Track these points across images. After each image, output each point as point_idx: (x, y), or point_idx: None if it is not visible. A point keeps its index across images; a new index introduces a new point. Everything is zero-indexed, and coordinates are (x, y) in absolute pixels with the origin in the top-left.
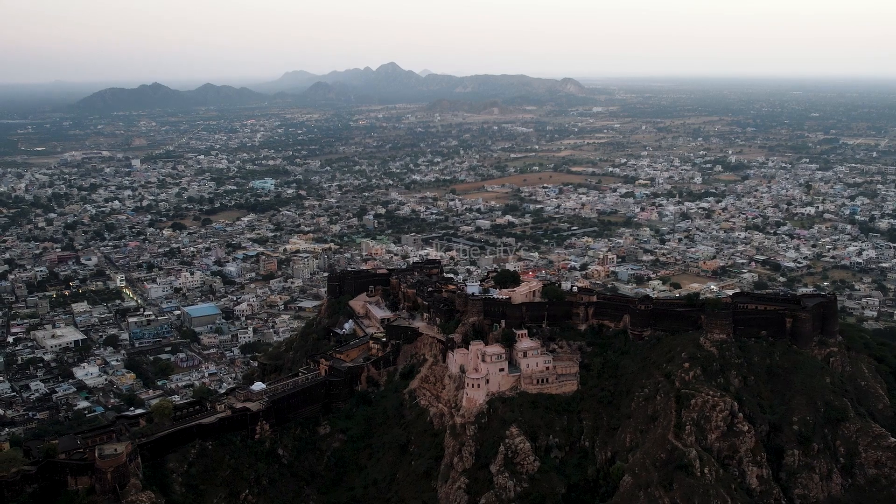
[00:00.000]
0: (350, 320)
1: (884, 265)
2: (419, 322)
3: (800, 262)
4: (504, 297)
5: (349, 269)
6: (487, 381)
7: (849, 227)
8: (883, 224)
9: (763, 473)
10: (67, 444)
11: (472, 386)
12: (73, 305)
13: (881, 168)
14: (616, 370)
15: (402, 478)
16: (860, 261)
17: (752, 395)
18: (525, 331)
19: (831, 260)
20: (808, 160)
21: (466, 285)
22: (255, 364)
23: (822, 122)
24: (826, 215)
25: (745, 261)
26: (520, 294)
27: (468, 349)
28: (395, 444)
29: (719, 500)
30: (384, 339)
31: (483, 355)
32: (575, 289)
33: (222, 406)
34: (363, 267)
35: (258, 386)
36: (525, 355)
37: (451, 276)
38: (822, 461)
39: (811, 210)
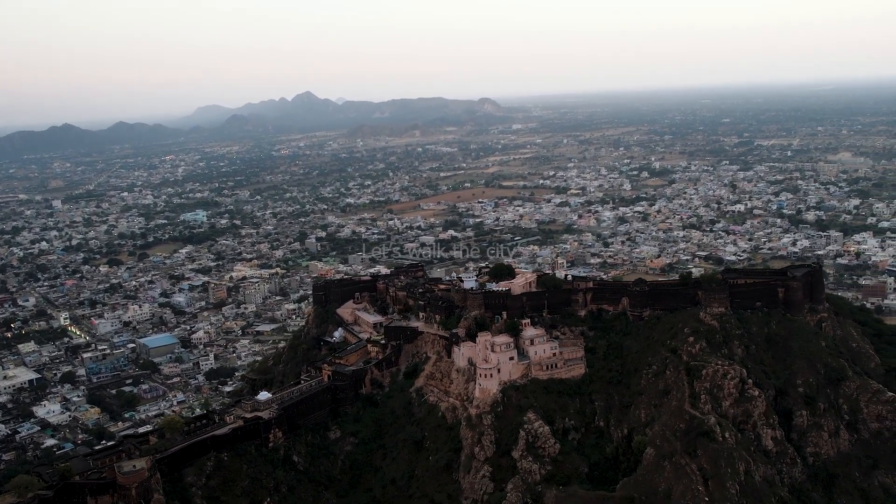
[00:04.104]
0: (339, 328)
1: (819, 253)
2: (416, 322)
3: (740, 256)
4: (503, 289)
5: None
6: (499, 371)
7: (778, 220)
8: (810, 216)
9: (777, 435)
10: (79, 465)
11: (485, 376)
12: (20, 346)
13: (798, 165)
14: (621, 351)
15: (421, 474)
16: (796, 250)
17: (755, 363)
18: (528, 320)
19: (769, 251)
20: (728, 162)
21: (463, 281)
22: (229, 387)
23: (734, 127)
24: (755, 211)
25: (688, 257)
26: (518, 285)
27: (475, 342)
28: (409, 442)
29: (742, 462)
30: (383, 342)
31: (492, 345)
32: (570, 277)
33: (231, 417)
34: None
35: (264, 395)
36: (532, 343)
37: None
38: (829, 419)
39: (741, 207)
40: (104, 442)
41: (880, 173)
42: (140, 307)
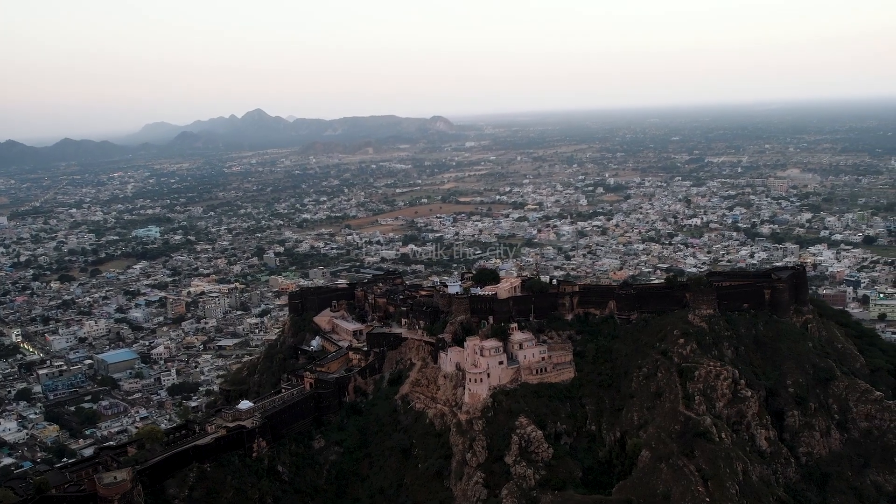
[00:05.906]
0: (317, 337)
1: (777, 264)
2: (397, 328)
3: (700, 268)
4: (490, 293)
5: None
6: (489, 375)
7: (735, 233)
8: (765, 229)
9: (770, 435)
10: (56, 478)
11: (474, 381)
12: None
13: (749, 181)
14: (609, 354)
15: (410, 482)
16: (754, 262)
17: (745, 364)
18: (515, 324)
19: (728, 263)
20: (680, 178)
21: (448, 286)
22: (194, 402)
23: (684, 145)
24: (712, 225)
25: (650, 269)
26: (504, 290)
27: (462, 347)
28: (396, 450)
29: (740, 462)
30: (365, 349)
31: (481, 350)
32: (555, 281)
33: (213, 427)
34: (277, 303)
35: (245, 404)
36: (521, 347)
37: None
38: (820, 419)
39: (697, 221)
40: (65, 459)
41: (829, 188)
42: (96, 323)
